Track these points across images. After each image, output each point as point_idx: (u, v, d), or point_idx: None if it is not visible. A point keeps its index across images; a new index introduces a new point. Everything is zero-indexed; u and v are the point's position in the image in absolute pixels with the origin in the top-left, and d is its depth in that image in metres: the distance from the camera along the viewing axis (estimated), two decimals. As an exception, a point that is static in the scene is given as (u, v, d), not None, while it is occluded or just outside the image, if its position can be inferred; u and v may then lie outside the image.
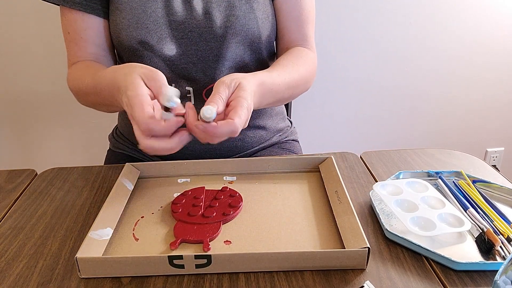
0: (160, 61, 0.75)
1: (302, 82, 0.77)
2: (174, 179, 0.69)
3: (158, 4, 0.72)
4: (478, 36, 1.60)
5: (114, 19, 0.75)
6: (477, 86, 1.69)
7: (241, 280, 0.48)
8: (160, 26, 0.73)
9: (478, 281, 0.47)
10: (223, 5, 0.73)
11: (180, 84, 0.77)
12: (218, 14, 0.73)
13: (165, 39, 0.74)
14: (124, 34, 0.73)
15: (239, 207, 0.60)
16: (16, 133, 1.53)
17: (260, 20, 0.76)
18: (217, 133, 0.53)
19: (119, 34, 0.74)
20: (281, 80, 0.69)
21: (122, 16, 0.73)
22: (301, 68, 0.76)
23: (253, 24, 0.75)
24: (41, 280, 0.49)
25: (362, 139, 1.73)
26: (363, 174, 0.71)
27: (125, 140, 0.90)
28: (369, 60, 1.59)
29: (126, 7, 0.73)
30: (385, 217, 0.57)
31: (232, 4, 0.73)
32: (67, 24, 0.77)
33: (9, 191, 0.69)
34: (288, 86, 0.71)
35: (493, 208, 0.58)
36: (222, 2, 0.73)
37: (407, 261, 0.51)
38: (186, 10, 0.73)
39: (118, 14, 0.73)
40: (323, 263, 0.49)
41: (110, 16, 0.76)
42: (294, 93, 0.76)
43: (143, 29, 0.72)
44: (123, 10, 0.73)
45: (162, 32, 0.73)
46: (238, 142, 0.82)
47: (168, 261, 0.48)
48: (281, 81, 0.69)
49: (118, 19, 0.74)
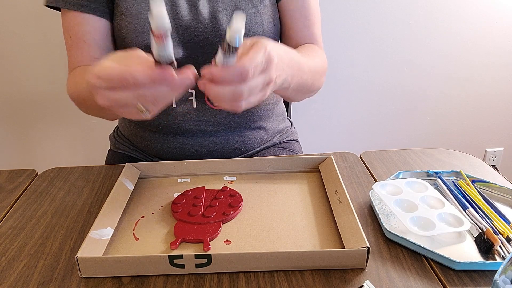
0: None
1: (321, 71, 0.73)
2: (174, 179, 0.70)
3: None
4: (478, 36, 1.60)
5: (119, 23, 0.74)
6: (476, 86, 1.69)
7: (241, 279, 0.48)
8: None
9: (477, 281, 0.47)
10: (229, 8, 0.73)
11: None
12: (225, 18, 0.73)
13: None
14: (130, 39, 0.73)
15: (239, 207, 0.60)
16: (17, 133, 1.53)
17: (266, 24, 0.76)
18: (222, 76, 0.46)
19: (124, 39, 0.74)
20: (305, 61, 0.64)
21: (128, 20, 0.72)
22: (316, 59, 0.73)
23: (259, 27, 0.75)
24: (41, 280, 0.50)
25: (361, 139, 1.73)
26: (362, 174, 0.71)
27: (126, 141, 0.90)
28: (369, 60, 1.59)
29: (132, 11, 0.72)
30: (384, 217, 0.57)
31: (238, 7, 0.73)
32: (69, 28, 0.75)
33: (10, 191, 0.70)
34: (311, 70, 0.66)
35: (493, 208, 0.58)
36: (229, 5, 0.73)
37: (407, 260, 0.51)
38: (192, 15, 0.73)
39: (124, 19, 0.73)
40: (323, 262, 0.49)
41: (115, 21, 0.75)
42: (314, 82, 0.70)
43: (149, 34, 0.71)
44: (129, 15, 0.72)
45: None
46: (239, 143, 0.83)
47: (169, 261, 0.48)
48: (305, 62, 0.64)
49: (123, 24, 0.73)
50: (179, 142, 0.81)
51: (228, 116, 0.79)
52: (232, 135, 0.81)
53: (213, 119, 0.79)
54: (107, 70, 0.45)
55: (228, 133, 0.81)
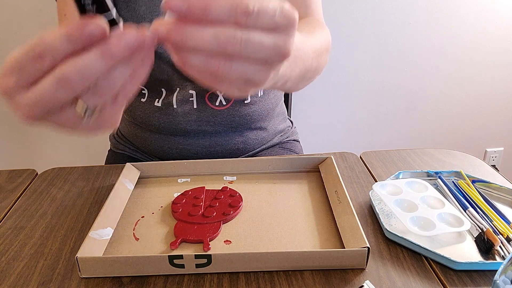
0: (168, 67, 0.74)
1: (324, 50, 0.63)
2: (174, 179, 0.70)
3: None
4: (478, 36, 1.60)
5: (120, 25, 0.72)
6: (477, 86, 1.69)
7: (241, 279, 0.48)
8: None
9: (477, 281, 0.47)
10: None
11: (184, 87, 0.77)
12: None
13: None
14: None
15: (239, 207, 0.60)
16: (16, 133, 1.53)
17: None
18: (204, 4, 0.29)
19: None
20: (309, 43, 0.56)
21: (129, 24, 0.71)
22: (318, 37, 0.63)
23: None
24: (41, 280, 0.50)
25: (361, 139, 1.73)
26: (362, 174, 0.71)
27: (126, 141, 0.90)
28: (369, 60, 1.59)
29: (133, 15, 0.71)
30: (384, 217, 0.57)
31: None
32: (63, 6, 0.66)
33: (10, 191, 0.70)
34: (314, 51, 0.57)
35: (493, 208, 0.58)
36: None
37: (407, 260, 0.51)
38: None
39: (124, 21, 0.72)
40: (323, 262, 0.49)
41: None
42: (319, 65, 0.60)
43: None
44: (130, 18, 0.71)
45: None
46: (240, 144, 0.82)
47: (169, 261, 0.48)
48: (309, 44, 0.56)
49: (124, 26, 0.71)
50: (180, 143, 0.81)
51: (228, 117, 0.79)
52: (233, 135, 0.81)
53: (214, 119, 0.79)
54: (11, 58, 0.31)
55: (229, 133, 0.81)
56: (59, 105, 0.31)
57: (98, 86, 0.31)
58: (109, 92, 0.32)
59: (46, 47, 0.29)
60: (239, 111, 0.80)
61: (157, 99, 0.78)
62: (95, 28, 0.29)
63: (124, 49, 0.30)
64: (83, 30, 0.29)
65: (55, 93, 0.30)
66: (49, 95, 0.30)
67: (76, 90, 0.30)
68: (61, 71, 0.30)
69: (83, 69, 0.29)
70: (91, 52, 0.29)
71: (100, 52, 0.29)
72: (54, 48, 0.29)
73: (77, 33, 0.29)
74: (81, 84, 0.30)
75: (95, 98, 0.32)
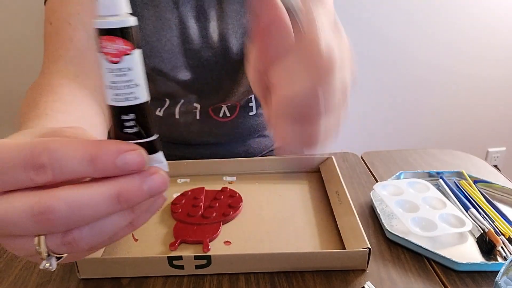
0: (174, 84, 0.73)
1: None
2: (174, 179, 0.69)
3: (174, 32, 0.67)
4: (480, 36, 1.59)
5: None
6: (478, 86, 1.69)
7: (241, 281, 0.48)
8: (175, 55, 0.69)
9: (479, 282, 0.47)
10: (239, 31, 0.69)
11: (188, 100, 0.76)
12: (235, 41, 0.70)
13: (180, 67, 0.70)
14: None
15: (239, 208, 0.60)
16: (16, 133, 1.53)
17: None
18: None
19: None
20: None
21: None
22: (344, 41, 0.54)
23: None
24: (40, 281, 0.49)
25: (362, 139, 1.73)
26: (363, 174, 0.71)
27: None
28: (370, 59, 1.59)
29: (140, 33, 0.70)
30: (386, 218, 0.57)
31: (248, 29, 0.70)
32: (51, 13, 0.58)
33: (9, 192, 0.69)
34: None
35: (495, 208, 0.58)
36: (239, 28, 0.69)
37: (408, 261, 0.50)
38: (202, 38, 0.69)
39: None
40: (323, 263, 0.49)
41: None
42: None
43: (157, 58, 0.68)
44: None
45: (176, 60, 0.69)
46: (242, 153, 0.82)
47: (168, 262, 0.48)
48: None
49: None
50: (180, 151, 0.80)
51: (232, 128, 0.78)
52: (235, 145, 0.81)
53: (217, 131, 0.78)
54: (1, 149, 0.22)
55: (231, 143, 0.80)
56: (18, 233, 0.22)
57: (77, 233, 0.22)
58: (88, 243, 0.23)
59: (52, 161, 0.21)
60: (243, 122, 0.79)
61: (159, 108, 0.77)
62: (133, 159, 0.22)
63: (148, 194, 0.23)
64: (116, 159, 0.21)
65: (25, 222, 0.21)
66: (14, 218, 0.21)
67: (53, 229, 0.22)
68: (49, 200, 0.21)
69: (81, 207, 0.21)
70: (103, 187, 0.22)
71: (117, 191, 0.22)
72: (64, 166, 0.21)
73: (106, 160, 0.21)
74: (64, 224, 0.22)
75: (67, 247, 0.23)
